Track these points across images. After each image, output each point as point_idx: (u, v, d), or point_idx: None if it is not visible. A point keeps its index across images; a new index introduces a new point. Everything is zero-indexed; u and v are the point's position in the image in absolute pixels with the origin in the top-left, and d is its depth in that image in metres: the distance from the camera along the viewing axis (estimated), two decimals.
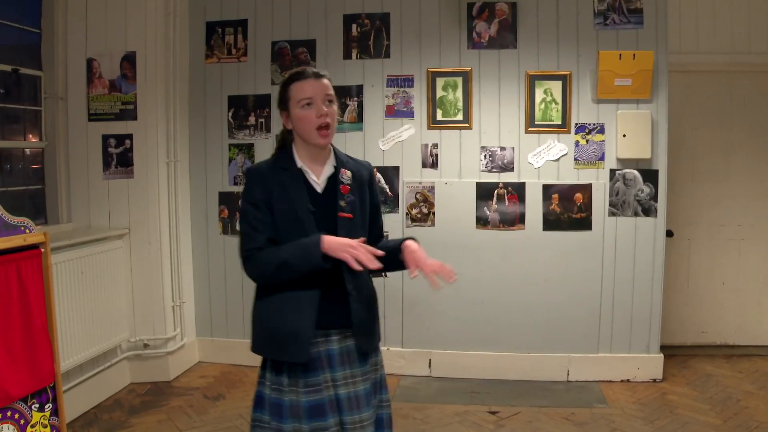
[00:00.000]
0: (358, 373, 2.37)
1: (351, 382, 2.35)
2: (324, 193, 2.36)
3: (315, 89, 2.31)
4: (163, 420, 4.21)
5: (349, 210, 2.35)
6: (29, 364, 3.10)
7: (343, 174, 2.38)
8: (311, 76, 2.33)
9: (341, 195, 2.35)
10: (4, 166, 4.48)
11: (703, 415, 4.17)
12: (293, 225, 2.30)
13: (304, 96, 2.30)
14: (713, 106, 5.27)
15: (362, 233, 2.37)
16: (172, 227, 4.97)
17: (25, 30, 4.53)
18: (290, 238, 2.27)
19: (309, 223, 2.29)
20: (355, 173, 2.42)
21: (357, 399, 2.34)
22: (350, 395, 2.33)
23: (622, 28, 4.71)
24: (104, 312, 4.45)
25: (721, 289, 5.39)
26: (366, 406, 2.36)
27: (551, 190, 4.81)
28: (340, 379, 2.33)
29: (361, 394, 2.35)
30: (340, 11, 5.01)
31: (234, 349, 5.25)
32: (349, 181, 2.38)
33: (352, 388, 2.34)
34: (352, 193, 2.38)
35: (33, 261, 3.18)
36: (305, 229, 2.28)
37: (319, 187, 2.37)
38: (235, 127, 5.17)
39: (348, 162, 2.45)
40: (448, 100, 4.89)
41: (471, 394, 4.64)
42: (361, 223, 2.40)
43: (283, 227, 2.31)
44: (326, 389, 2.30)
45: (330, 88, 2.35)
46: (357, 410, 2.33)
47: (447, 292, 4.91)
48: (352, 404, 2.33)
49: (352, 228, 2.34)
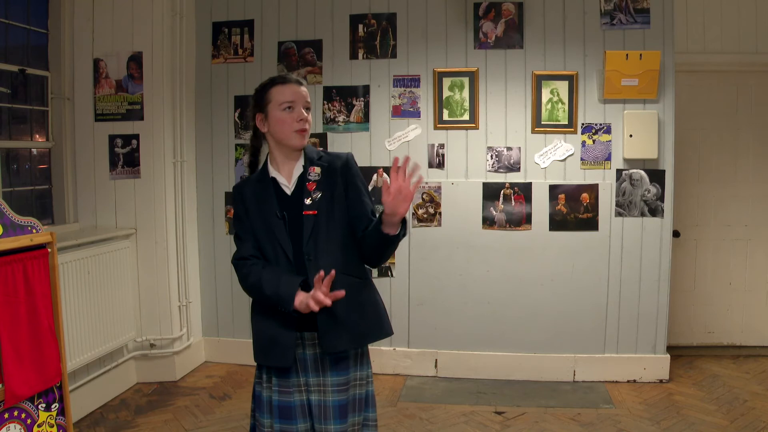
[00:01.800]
0: (329, 383, 2.38)
1: (321, 390, 2.38)
2: (293, 194, 2.42)
3: (297, 94, 2.38)
4: (170, 420, 4.22)
5: (315, 206, 2.37)
6: (36, 363, 3.11)
7: (310, 172, 2.42)
8: (293, 81, 2.42)
9: (307, 192, 2.40)
10: (11, 166, 4.49)
11: (709, 415, 4.16)
12: (265, 231, 2.40)
13: (285, 99, 2.37)
14: (720, 106, 5.26)
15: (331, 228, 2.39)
16: (178, 227, 4.98)
17: (32, 30, 4.54)
18: (265, 243, 2.40)
19: (279, 229, 2.37)
20: (325, 168, 2.43)
21: (325, 409, 2.36)
22: (320, 403, 2.37)
23: (629, 28, 4.70)
24: (111, 312, 4.46)
25: (728, 290, 5.38)
26: (336, 419, 2.36)
27: (558, 190, 4.80)
28: (313, 385, 2.39)
29: (330, 405, 2.36)
30: (346, 11, 5.01)
31: (240, 349, 5.25)
32: (316, 177, 2.41)
33: (322, 397, 2.38)
34: (319, 188, 2.40)
35: (40, 261, 3.18)
36: (275, 234, 2.37)
37: (289, 190, 2.43)
38: (242, 128, 5.18)
39: (321, 158, 2.46)
40: (454, 100, 4.88)
41: (477, 395, 4.63)
42: (330, 217, 2.40)
43: (258, 234, 2.42)
44: (297, 392, 2.38)
45: (308, 96, 2.43)
46: (325, 420, 2.35)
47: (453, 292, 4.95)
48: (321, 413, 2.37)
49: (318, 224, 2.37)
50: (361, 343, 2.44)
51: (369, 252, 2.42)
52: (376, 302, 2.50)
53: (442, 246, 4.90)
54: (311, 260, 2.35)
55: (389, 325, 2.52)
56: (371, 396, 2.50)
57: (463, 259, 4.92)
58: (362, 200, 2.45)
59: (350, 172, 2.45)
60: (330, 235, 2.38)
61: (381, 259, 2.44)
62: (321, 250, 2.36)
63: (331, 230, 2.38)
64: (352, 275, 2.41)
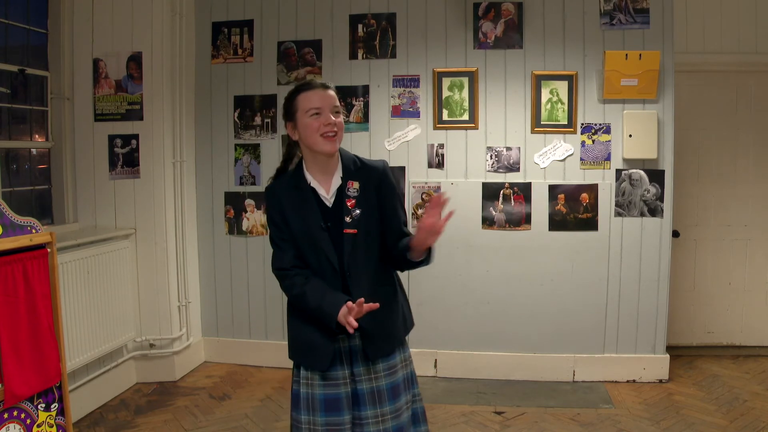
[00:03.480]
0: (380, 369, 2.46)
1: (373, 378, 2.46)
2: (334, 207, 2.44)
3: (323, 100, 2.37)
4: (169, 420, 4.22)
5: (354, 225, 2.41)
6: (35, 363, 3.11)
7: (349, 187, 2.44)
8: (319, 87, 2.40)
9: (347, 210, 2.42)
10: (10, 166, 4.49)
11: (709, 415, 4.16)
12: (309, 242, 2.42)
13: (312, 106, 2.36)
14: (720, 106, 5.26)
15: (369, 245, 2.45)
16: (178, 227, 4.98)
17: (31, 30, 4.54)
18: (308, 253, 2.43)
19: (323, 239, 2.40)
20: (363, 182, 2.45)
21: (379, 394, 2.44)
22: (373, 390, 2.44)
23: (629, 28, 4.70)
24: (110, 312, 4.46)
25: (728, 290, 5.38)
26: (390, 399, 2.45)
27: (557, 190, 4.80)
28: (363, 374, 2.45)
29: (384, 388, 2.45)
30: (346, 11, 5.01)
31: (240, 349, 5.27)
32: (355, 193, 2.43)
33: (375, 384, 2.45)
34: (358, 205, 2.42)
35: (39, 261, 3.18)
36: (321, 246, 2.40)
37: (329, 202, 2.44)
38: (241, 128, 5.18)
39: (358, 169, 2.47)
40: (454, 100, 4.88)
41: (477, 395, 4.63)
42: (368, 235, 2.44)
43: (301, 243, 2.43)
44: (344, 385, 2.43)
45: (336, 99, 2.41)
46: (380, 404, 2.44)
47: (453, 292, 4.95)
48: (375, 398, 2.44)
49: (357, 242, 2.41)
50: (401, 342, 2.58)
51: (394, 263, 2.53)
52: (405, 302, 2.63)
53: (441, 246, 4.84)
54: (352, 276, 2.42)
55: (412, 317, 2.68)
56: (414, 374, 2.64)
57: (463, 259, 4.93)
58: (396, 214, 2.51)
59: (386, 186, 2.49)
60: (368, 251, 2.45)
61: (404, 270, 2.60)
62: (360, 265, 2.43)
63: (369, 247, 2.45)
64: (387, 285, 2.54)
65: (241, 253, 5.24)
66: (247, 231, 5.20)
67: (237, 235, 5.23)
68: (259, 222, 5.17)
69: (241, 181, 5.19)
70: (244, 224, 5.20)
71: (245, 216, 5.19)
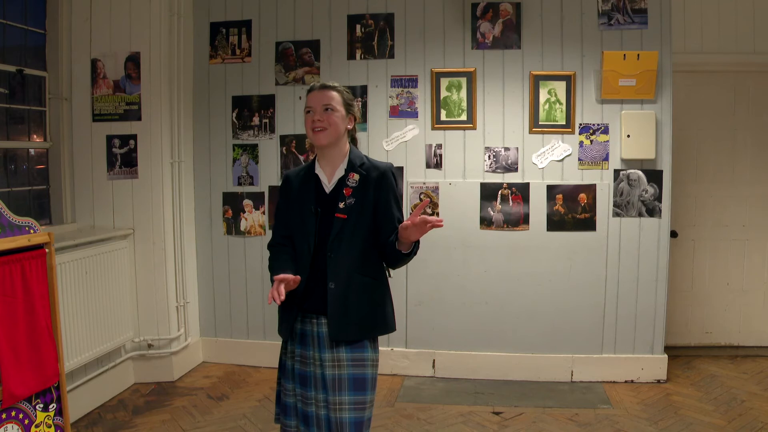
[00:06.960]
0: (343, 358, 2.59)
1: (336, 365, 2.58)
2: (331, 194, 2.66)
3: (315, 99, 2.65)
4: (167, 420, 4.22)
5: (346, 211, 2.61)
6: (33, 364, 3.11)
7: (350, 177, 2.66)
8: (317, 88, 2.68)
9: (342, 196, 2.63)
10: (8, 166, 4.48)
11: (707, 416, 4.16)
12: (298, 222, 2.68)
13: (307, 105, 2.68)
14: (718, 106, 5.26)
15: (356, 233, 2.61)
16: (176, 227, 4.97)
17: (29, 31, 4.53)
18: (295, 232, 2.69)
19: (309, 222, 2.64)
20: (364, 177, 2.65)
21: (340, 381, 2.57)
22: (335, 377, 2.57)
23: (627, 28, 4.71)
24: (108, 312, 4.46)
25: (726, 290, 5.38)
26: (350, 390, 2.57)
27: (555, 190, 4.81)
28: (327, 360, 2.59)
29: (346, 377, 2.57)
30: (344, 11, 5.01)
31: (238, 349, 5.26)
32: (354, 184, 2.64)
33: (337, 371, 2.58)
34: (354, 195, 2.63)
35: (37, 261, 3.18)
36: (305, 227, 2.64)
37: (327, 189, 2.67)
38: (239, 128, 5.18)
39: (363, 165, 2.68)
40: (452, 101, 4.88)
41: (475, 395, 4.64)
42: (357, 223, 2.62)
43: (291, 224, 2.71)
44: (313, 365, 2.61)
45: (332, 98, 2.65)
46: (339, 392, 2.57)
47: (451, 292, 4.95)
48: (336, 385, 2.57)
49: (345, 228, 2.60)
50: (368, 334, 2.65)
51: (386, 258, 2.69)
52: (385, 302, 2.72)
53: (439, 246, 4.89)
54: (332, 257, 2.59)
55: (394, 323, 2.76)
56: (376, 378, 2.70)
57: (461, 259, 4.93)
58: (390, 212, 2.66)
59: (384, 185, 2.66)
60: (353, 238, 2.60)
61: (396, 265, 2.70)
62: (343, 250, 2.59)
63: (356, 235, 2.61)
64: (368, 275, 2.65)
65: (239, 254, 5.24)
66: (245, 231, 5.20)
67: (235, 235, 5.23)
68: (257, 222, 5.18)
69: (239, 182, 5.19)
70: (242, 224, 5.20)
71: (243, 216, 5.19)
